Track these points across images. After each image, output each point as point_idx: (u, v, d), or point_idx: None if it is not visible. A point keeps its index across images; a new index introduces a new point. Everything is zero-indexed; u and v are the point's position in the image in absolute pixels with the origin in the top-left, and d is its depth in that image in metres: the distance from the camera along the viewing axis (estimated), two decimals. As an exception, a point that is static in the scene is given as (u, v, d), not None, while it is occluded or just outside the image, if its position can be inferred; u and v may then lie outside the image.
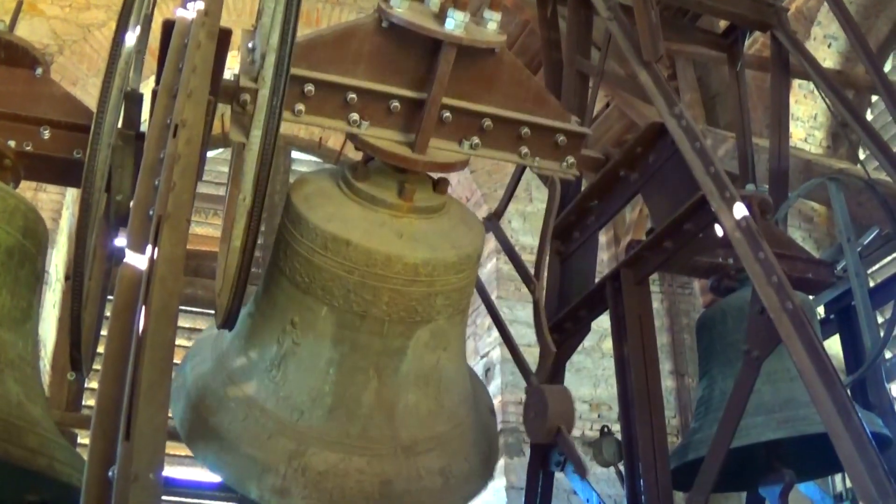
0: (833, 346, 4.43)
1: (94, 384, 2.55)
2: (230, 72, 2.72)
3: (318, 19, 8.00)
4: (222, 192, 3.58)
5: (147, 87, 3.07)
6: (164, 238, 1.80)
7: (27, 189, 5.49)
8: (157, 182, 1.95)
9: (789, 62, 4.77)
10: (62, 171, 2.91)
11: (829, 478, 5.60)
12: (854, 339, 4.38)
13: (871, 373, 4.20)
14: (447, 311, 2.90)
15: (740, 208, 2.93)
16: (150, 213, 1.90)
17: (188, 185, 1.94)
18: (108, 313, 2.22)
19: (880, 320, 4.63)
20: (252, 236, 2.34)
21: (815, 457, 3.63)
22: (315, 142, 8.77)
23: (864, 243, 4.84)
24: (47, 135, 2.84)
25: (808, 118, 7.62)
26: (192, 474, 5.21)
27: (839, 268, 4.29)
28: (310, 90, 2.75)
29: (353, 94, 2.79)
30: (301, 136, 8.64)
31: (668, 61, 7.03)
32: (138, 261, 1.81)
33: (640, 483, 3.10)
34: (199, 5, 2.36)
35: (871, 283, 4.73)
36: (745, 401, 3.12)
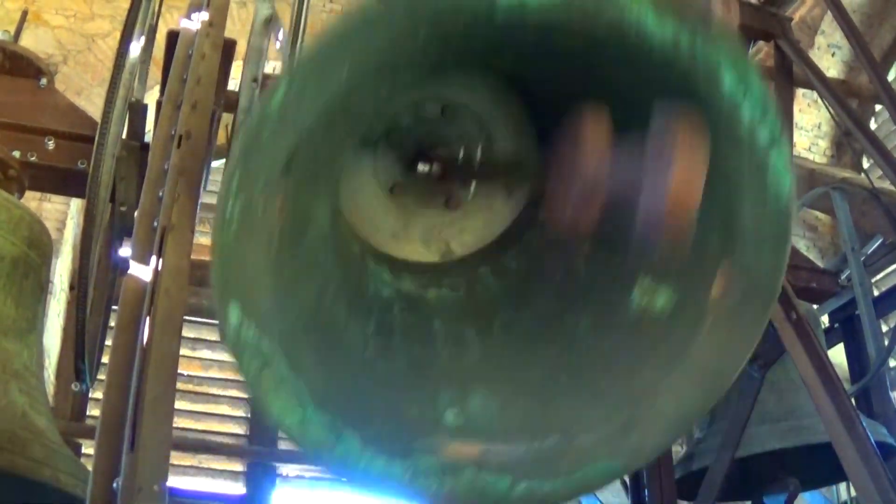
0: (837, 355, 4.41)
1: (98, 394, 2.56)
2: (234, 82, 2.72)
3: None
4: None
5: (151, 98, 3.08)
6: (168, 249, 1.80)
7: (31, 199, 5.49)
8: (161, 193, 1.95)
9: (793, 71, 4.76)
10: (66, 182, 2.92)
11: (834, 487, 5.59)
12: (858, 348, 4.37)
13: (876, 382, 4.19)
14: None
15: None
16: (155, 223, 1.90)
17: (192, 196, 1.94)
18: (112, 323, 2.22)
19: (885, 329, 4.63)
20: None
21: (820, 466, 3.61)
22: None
23: (868, 252, 4.82)
24: (52, 145, 2.84)
25: (811, 127, 7.64)
26: (197, 485, 5.21)
27: (843, 277, 4.29)
28: None
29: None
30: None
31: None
32: (143, 272, 1.81)
33: (645, 493, 3.10)
34: (204, 16, 2.37)
35: (875, 293, 4.72)
36: (749, 410, 3.12)
